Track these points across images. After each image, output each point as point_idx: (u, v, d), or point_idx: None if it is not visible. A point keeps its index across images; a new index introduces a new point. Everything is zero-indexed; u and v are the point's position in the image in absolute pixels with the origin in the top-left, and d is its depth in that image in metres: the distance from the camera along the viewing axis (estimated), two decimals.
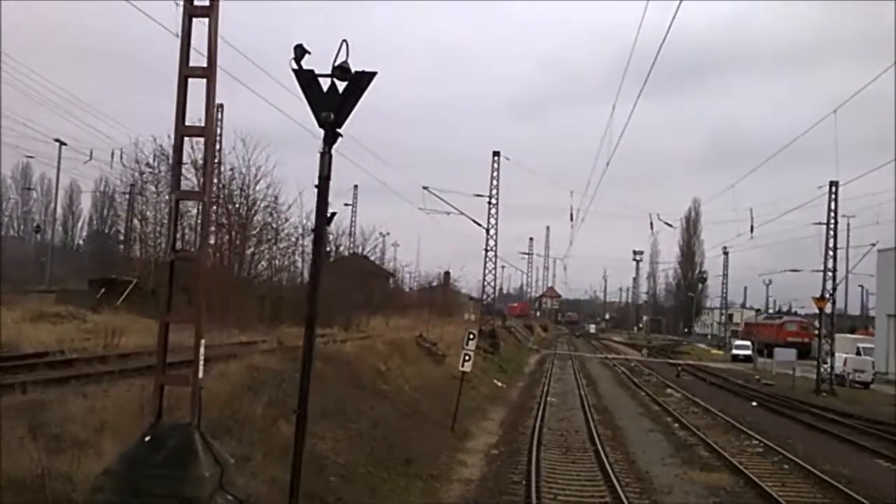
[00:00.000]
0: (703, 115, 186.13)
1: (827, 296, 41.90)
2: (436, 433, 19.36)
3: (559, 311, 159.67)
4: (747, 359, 72.47)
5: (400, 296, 71.91)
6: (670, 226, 72.50)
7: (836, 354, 44.76)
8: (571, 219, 52.56)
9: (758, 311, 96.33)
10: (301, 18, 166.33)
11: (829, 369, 42.86)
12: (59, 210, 67.40)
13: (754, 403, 34.64)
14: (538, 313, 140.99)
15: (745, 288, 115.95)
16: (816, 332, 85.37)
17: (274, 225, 40.17)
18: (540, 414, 25.67)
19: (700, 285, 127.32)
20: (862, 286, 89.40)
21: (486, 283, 56.75)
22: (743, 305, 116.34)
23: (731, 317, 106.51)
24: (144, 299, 30.46)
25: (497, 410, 26.89)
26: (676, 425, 25.89)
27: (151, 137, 37.24)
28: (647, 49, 20.78)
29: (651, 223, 54.93)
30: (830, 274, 41.89)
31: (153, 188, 35.64)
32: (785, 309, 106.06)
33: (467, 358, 20.69)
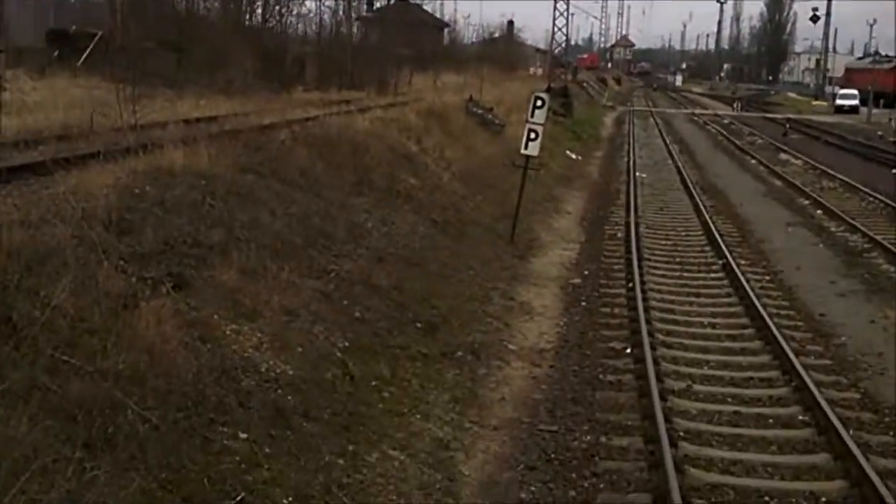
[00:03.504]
0: None
1: None
2: (486, 250, 12.94)
3: (631, 62, 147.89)
4: (853, 109, 63.42)
5: (455, 50, 63.32)
6: None
7: None
8: None
9: (869, 54, 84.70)
10: None
11: None
12: None
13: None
14: (609, 65, 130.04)
15: (836, 30, 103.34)
16: None
17: None
18: (632, 201, 18.94)
19: (789, 27, 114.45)
20: None
21: (556, 29, 48.00)
22: (834, 49, 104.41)
23: (818, 63, 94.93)
24: (112, 58, 23.50)
25: (573, 198, 20.26)
26: (820, 212, 18.99)
27: None
28: None
29: None
30: None
31: None
32: (872, 52, 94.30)
33: (533, 136, 13.65)
